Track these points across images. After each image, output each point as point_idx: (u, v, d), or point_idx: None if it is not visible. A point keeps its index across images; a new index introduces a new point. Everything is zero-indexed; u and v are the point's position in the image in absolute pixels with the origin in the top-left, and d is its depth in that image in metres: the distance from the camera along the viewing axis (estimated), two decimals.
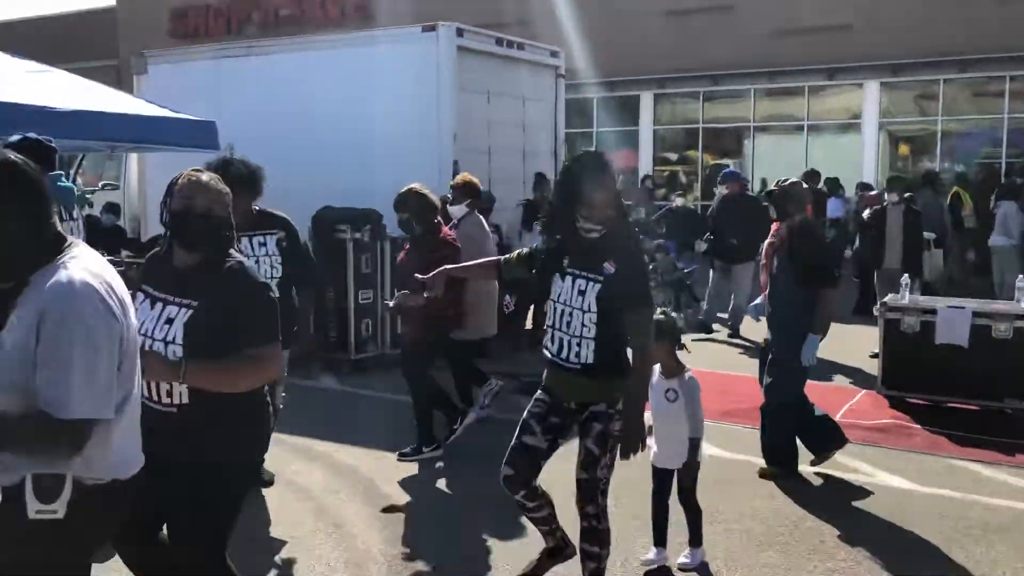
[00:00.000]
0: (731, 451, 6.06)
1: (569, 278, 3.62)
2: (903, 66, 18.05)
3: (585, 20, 18.80)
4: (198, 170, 3.14)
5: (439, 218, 6.04)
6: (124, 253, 9.43)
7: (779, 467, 5.55)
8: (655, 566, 4.32)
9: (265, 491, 5.29)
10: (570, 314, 3.59)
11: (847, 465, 5.82)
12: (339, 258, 8.41)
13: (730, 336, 10.29)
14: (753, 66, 19.23)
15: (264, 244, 4.93)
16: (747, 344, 9.75)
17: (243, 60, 10.82)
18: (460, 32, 9.32)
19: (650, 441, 4.21)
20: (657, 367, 4.25)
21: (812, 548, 4.57)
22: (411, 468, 5.80)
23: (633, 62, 19.27)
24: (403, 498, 5.29)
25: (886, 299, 7.55)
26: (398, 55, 9.56)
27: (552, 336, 3.68)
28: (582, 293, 3.58)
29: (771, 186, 5.83)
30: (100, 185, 14.18)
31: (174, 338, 2.91)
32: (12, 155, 2.28)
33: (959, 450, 6.13)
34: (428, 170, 7.57)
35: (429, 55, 9.29)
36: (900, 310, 7.25)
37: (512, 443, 3.79)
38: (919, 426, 6.66)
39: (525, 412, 3.82)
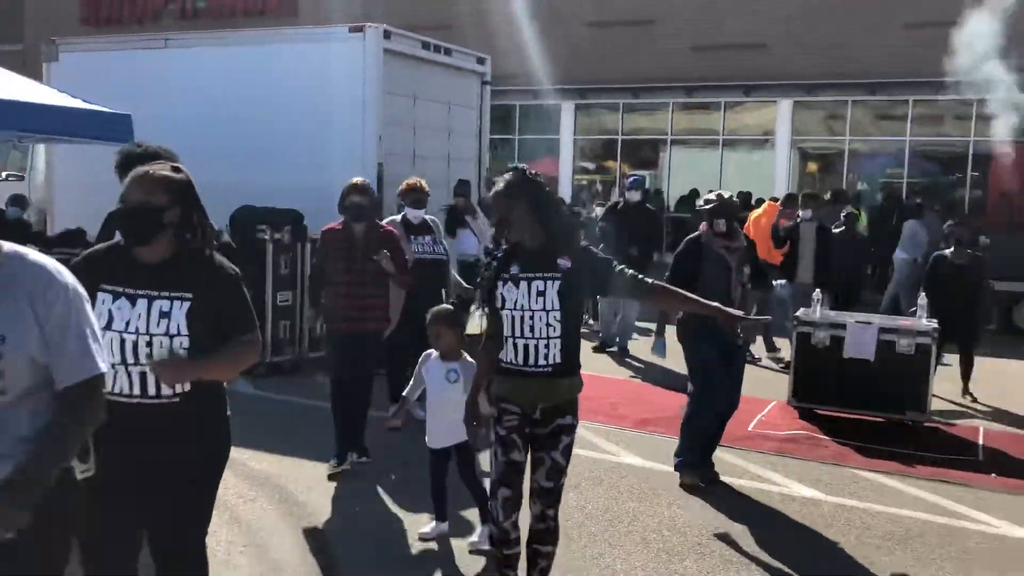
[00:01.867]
0: (652, 461, 6.18)
1: (524, 283, 3.59)
2: (815, 86, 18.67)
3: (510, 27, 18.88)
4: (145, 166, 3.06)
5: None
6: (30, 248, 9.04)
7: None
8: (432, 536, 4.68)
9: None
10: (531, 318, 3.57)
11: (761, 476, 5.99)
12: (258, 259, 8.25)
13: (617, 352, 9.98)
14: (672, 80, 19.59)
15: None
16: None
17: (161, 52, 10.51)
18: (387, 34, 9.26)
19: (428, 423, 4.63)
20: (439, 352, 4.68)
21: (727, 558, 4.68)
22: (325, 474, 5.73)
23: (556, 71, 19.43)
24: (321, 506, 5.23)
25: (798, 313, 7.78)
26: (324, 54, 9.44)
27: (514, 345, 3.61)
28: (541, 294, 3.57)
29: (702, 198, 6.23)
30: (3, 175, 13.58)
31: (178, 330, 2.90)
32: None
33: (865, 461, 6.35)
34: (352, 172, 7.43)
35: (356, 56, 9.19)
36: (811, 324, 7.47)
37: (500, 461, 3.66)
38: (828, 438, 6.89)
39: (499, 429, 3.68)
